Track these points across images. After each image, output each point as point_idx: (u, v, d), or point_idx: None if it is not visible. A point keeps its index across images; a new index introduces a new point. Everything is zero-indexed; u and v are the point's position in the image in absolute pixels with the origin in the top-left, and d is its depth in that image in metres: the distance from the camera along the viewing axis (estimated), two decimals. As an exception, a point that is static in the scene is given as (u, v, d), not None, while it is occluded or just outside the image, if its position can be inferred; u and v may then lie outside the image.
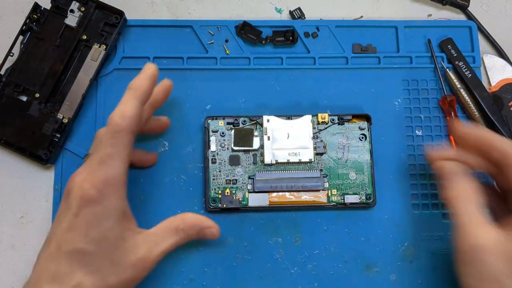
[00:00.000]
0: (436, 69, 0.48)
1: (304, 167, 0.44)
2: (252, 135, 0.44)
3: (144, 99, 0.36)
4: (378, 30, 0.49)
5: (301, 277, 0.43)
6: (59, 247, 0.33)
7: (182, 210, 0.43)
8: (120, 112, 0.34)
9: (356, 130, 0.45)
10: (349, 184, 0.44)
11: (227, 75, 0.47)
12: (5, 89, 0.44)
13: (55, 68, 0.44)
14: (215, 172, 0.43)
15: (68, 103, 0.44)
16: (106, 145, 0.34)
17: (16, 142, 0.43)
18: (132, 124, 0.34)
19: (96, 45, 0.45)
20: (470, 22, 0.49)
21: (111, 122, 0.34)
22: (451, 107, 0.46)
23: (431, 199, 0.45)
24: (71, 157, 0.44)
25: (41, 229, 0.43)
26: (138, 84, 0.36)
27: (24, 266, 0.43)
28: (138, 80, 0.36)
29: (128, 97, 0.35)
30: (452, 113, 0.46)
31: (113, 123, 0.34)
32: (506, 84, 0.48)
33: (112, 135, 0.34)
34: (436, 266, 0.44)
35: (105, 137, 0.34)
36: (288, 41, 0.47)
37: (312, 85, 0.47)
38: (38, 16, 0.45)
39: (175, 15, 0.49)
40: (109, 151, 0.34)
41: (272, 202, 0.43)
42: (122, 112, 0.34)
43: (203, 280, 0.42)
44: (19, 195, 0.44)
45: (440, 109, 0.47)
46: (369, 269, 0.43)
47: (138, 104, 0.35)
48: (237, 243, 0.43)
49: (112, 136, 0.34)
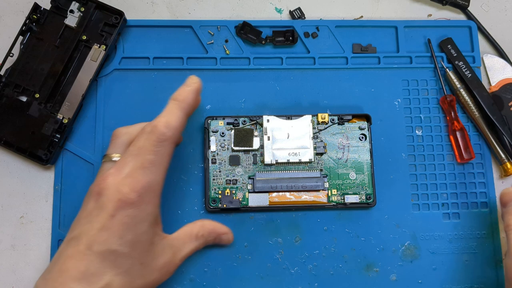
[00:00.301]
0: (436, 69, 0.48)
1: (304, 167, 0.44)
2: (252, 135, 0.44)
3: (188, 111, 0.37)
4: (378, 30, 0.49)
5: (301, 277, 0.43)
6: (90, 247, 0.33)
7: (182, 210, 0.43)
8: (166, 122, 0.35)
9: (356, 130, 0.45)
10: (349, 184, 0.44)
11: (227, 75, 0.47)
12: (5, 89, 0.44)
13: (55, 69, 0.44)
14: (215, 172, 0.43)
15: (68, 104, 0.44)
16: (149, 152, 0.35)
17: (16, 142, 0.43)
18: (175, 134, 0.36)
19: (96, 45, 0.45)
20: (470, 22, 0.49)
21: (155, 130, 0.35)
22: (451, 107, 0.46)
23: (431, 199, 0.45)
24: (71, 157, 0.44)
25: (41, 229, 0.43)
26: (184, 96, 0.37)
27: (24, 266, 0.43)
28: (184, 92, 0.37)
29: (174, 108, 0.36)
30: (452, 113, 0.46)
31: (158, 132, 0.35)
32: (506, 84, 0.48)
33: (156, 143, 0.35)
34: (436, 266, 0.44)
35: (147, 144, 0.35)
36: (288, 41, 0.47)
37: (312, 85, 0.47)
38: (38, 16, 0.45)
39: (175, 15, 0.49)
40: (152, 158, 0.35)
41: (272, 202, 0.43)
42: (167, 122, 0.35)
43: (203, 280, 0.42)
44: (19, 195, 0.44)
45: (440, 109, 0.47)
46: (369, 269, 0.43)
47: (183, 116, 0.36)
48: (237, 243, 0.43)
49: (156, 144, 0.35)
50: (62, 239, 0.42)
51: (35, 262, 0.43)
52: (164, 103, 0.45)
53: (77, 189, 0.44)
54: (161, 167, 0.35)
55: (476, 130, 0.47)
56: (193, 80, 0.38)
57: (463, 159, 0.45)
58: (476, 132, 0.47)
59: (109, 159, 0.38)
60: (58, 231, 0.43)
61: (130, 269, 0.34)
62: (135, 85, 0.46)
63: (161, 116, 0.36)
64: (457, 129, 0.46)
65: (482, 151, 0.46)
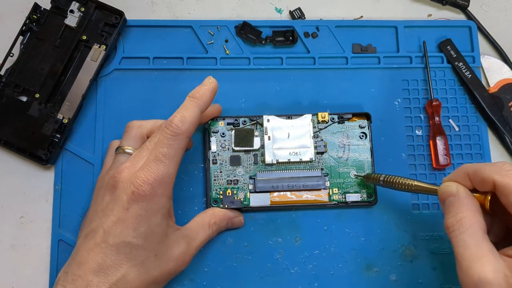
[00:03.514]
0: (427, 72, 0.47)
1: (305, 166, 0.44)
2: (253, 135, 0.44)
3: (203, 109, 0.38)
4: (378, 30, 0.49)
5: (301, 277, 0.43)
6: (106, 239, 0.34)
7: (182, 211, 0.43)
8: (181, 117, 0.36)
9: (356, 128, 0.45)
10: (350, 182, 0.44)
11: (227, 75, 0.47)
12: (5, 89, 0.44)
13: (55, 68, 0.44)
14: (216, 172, 0.43)
15: (68, 104, 0.44)
16: (163, 145, 0.35)
17: (16, 142, 0.43)
18: (190, 129, 0.36)
19: (96, 45, 0.45)
20: (470, 22, 0.49)
21: (171, 124, 0.36)
22: (436, 112, 0.46)
23: (431, 199, 0.45)
24: (71, 157, 0.44)
25: (41, 229, 0.43)
26: (201, 94, 0.37)
27: (24, 266, 0.43)
28: (201, 90, 0.38)
29: (190, 105, 0.37)
30: (436, 118, 0.46)
31: (174, 125, 0.36)
32: (505, 85, 0.48)
33: (170, 137, 0.35)
34: (436, 266, 0.44)
35: (162, 137, 0.36)
36: (288, 41, 0.47)
37: (312, 85, 0.47)
38: (38, 16, 0.45)
39: (175, 15, 0.49)
40: (166, 151, 0.35)
41: (274, 202, 0.43)
42: (183, 117, 0.36)
43: (203, 280, 0.42)
44: (19, 195, 0.44)
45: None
46: (369, 269, 0.43)
47: (198, 112, 0.37)
48: (237, 243, 0.43)
49: (171, 138, 0.35)
50: (62, 239, 0.42)
51: (35, 262, 0.43)
52: (164, 103, 0.45)
53: (77, 189, 0.44)
54: (175, 160, 0.36)
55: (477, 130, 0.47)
56: (210, 80, 0.39)
57: (438, 164, 0.45)
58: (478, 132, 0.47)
59: (122, 151, 0.39)
60: (58, 231, 0.43)
61: (145, 260, 0.35)
62: (135, 85, 0.46)
63: (177, 112, 0.37)
64: (438, 135, 0.45)
65: (482, 151, 0.46)
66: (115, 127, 0.44)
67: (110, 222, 0.35)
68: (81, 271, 0.34)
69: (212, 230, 0.41)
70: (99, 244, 0.34)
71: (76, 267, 0.34)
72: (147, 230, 0.35)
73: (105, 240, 0.34)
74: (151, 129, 0.40)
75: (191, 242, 0.39)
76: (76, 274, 0.34)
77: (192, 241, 0.39)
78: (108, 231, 0.34)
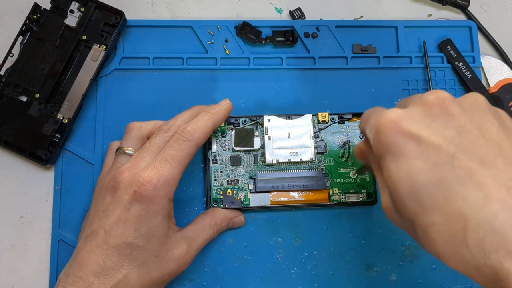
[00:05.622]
0: (427, 72, 0.47)
1: (305, 166, 0.44)
2: (253, 135, 0.44)
3: (216, 124, 0.39)
4: (378, 30, 0.49)
5: (301, 277, 0.43)
6: (108, 240, 0.34)
7: (183, 211, 0.43)
8: (195, 126, 0.37)
9: (356, 128, 0.45)
10: (350, 182, 0.44)
11: (227, 75, 0.47)
12: (5, 89, 0.44)
13: (55, 69, 0.44)
14: (216, 172, 0.43)
15: (68, 104, 0.44)
16: (172, 148, 0.36)
17: (16, 142, 0.43)
18: (200, 139, 0.37)
19: (96, 45, 0.45)
20: (470, 22, 0.50)
21: (183, 131, 0.37)
22: None
23: (431, 199, 0.45)
24: (71, 158, 0.44)
25: (41, 229, 0.43)
26: (216, 111, 0.39)
27: (24, 266, 0.43)
28: (216, 107, 0.39)
29: (205, 118, 0.38)
30: None
31: (186, 132, 0.37)
32: (505, 85, 0.48)
33: (181, 142, 0.36)
34: (436, 266, 0.44)
35: (172, 141, 0.37)
36: (288, 41, 0.47)
37: (312, 85, 0.47)
38: (38, 16, 0.45)
39: (175, 15, 0.49)
40: (174, 154, 0.36)
41: (274, 202, 0.43)
42: (196, 126, 0.37)
43: (203, 280, 0.42)
44: (19, 195, 0.44)
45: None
46: (369, 269, 0.43)
47: (211, 126, 0.38)
48: (237, 243, 0.43)
49: (181, 142, 0.36)
50: (62, 239, 0.42)
51: (35, 262, 0.43)
52: (164, 103, 0.45)
53: (77, 189, 0.44)
54: (181, 164, 0.36)
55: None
56: (227, 101, 0.40)
57: None
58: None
59: (122, 152, 0.39)
60: (58, 231, 0.43)
61: (146, 261, 0.35)
62: (135, 85, 0.46)
63: (191, 122, 0.38)
64: None
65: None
66: (115, 127, 0.44)
67: (111, 223, 0.35)
68: (82, 273, 0.34)
69: (213, 231, 0.41)
70: (101, 245, 0.34)
71: (77, 268, 0.34)
72: (148, 231, 0.35)
73: (106, 242, 0.34)
74: (151, 130, 0.40)
75: (191, 243, 0.39)
76: (77, 275, 0.34)
77: (193, 242, 0.39)
78: (109, 232, 0.35)
